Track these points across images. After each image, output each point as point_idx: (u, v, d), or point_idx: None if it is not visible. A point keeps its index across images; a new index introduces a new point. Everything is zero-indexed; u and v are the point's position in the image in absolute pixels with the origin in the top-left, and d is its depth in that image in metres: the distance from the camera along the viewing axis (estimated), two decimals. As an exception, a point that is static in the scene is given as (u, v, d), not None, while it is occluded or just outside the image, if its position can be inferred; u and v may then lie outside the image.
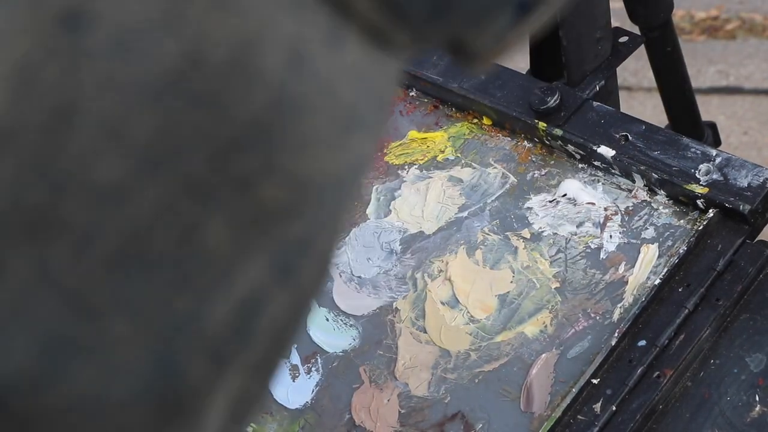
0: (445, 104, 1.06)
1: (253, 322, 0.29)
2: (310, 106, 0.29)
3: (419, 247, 0.99)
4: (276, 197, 0.29)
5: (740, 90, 2.03)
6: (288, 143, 0.29)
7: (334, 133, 0.30)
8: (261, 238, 0.29)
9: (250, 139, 0.28)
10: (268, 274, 0.29)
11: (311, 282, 0.31)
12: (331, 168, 0.30)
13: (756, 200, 0.86)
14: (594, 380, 0.85)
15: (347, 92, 0.30)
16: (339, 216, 0.31)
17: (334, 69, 0.29)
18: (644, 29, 1.22)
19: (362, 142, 0.31)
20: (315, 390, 0.95)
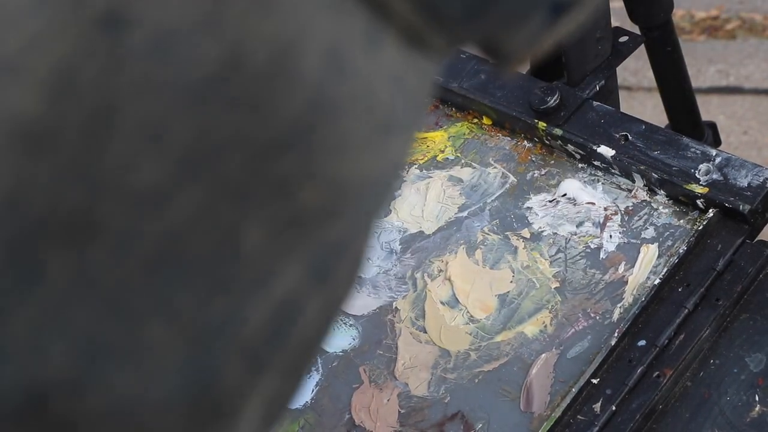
0: (445, 104, 1.06)
1: (290, 325, 0.29)
2: (349, 108, 0.29)
3: (419, 247, 0.99)
4: (314, 200, 0.28)
5: (740, 90, 2.03)
6: (327, 145, 0.28)
7: (372, 136, 0.29)
8: (299, 241, 0.29)
9: (289, 141, 0.28)
10: (305, 278, 0.29)
11: (345, 285, 0.31)
12: (368, 170, 0.30)
13: (756, 200, 0.86)
14: (594, 380, 0.85)
15: (385, 94, 0.30)
16: (374, 218, 0.31)
17: (372, 71, 0.29)
18: (644, 29, 1.22)
19: (399, 145, 0.31)
20: (315, 390, 0.95)
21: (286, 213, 0.28)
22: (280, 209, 0.28)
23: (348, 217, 0.29)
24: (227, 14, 0.27)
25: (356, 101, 0.29)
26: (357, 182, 0.29)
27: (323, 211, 0.29)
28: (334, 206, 0.29)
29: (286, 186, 0.28)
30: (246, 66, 0.27)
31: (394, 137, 0.30)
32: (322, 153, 0.28)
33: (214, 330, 0.28)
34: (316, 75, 0.28)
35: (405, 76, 0.30)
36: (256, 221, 0.28)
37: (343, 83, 0.28)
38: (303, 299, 0.29)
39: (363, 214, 0.30)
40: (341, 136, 0.29)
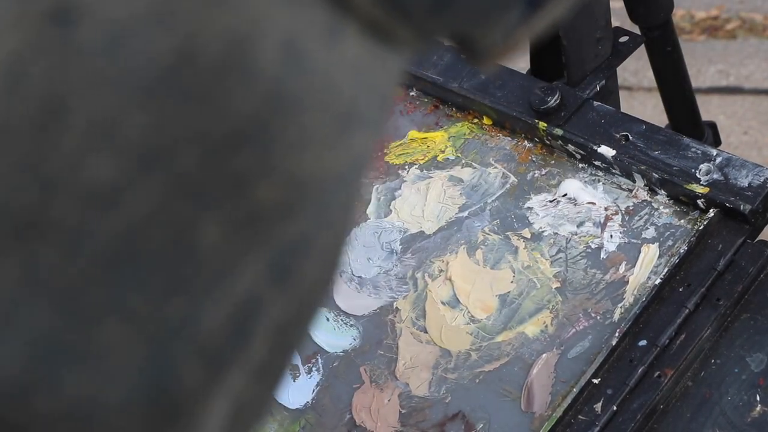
0: (446, 104, 1.06)
1: (251, 325, 0.29)
2: (308, 102, 0.28)
3: (419, 247, 0.99)
4: (272, 197, 0.28)
5: (740, 90, 2.03)
6: (285, 141, 0.28)
7: (333, 131, 0.29)
8: (257, 239, 0.28)
9: (246, 136, 0.27)
10: (265, 276, 0.28)
11: (314, 284, 0.30)
12: (330, 166, 0.29)
13: (756, 200, 0.86)
14: (595, 380, 0.85)
15: (347, 89, 0.29)
16: (341, 216, 0.30)
17: (333, 65, 0.29)
18: (644, 29, 1.22)
19: (363, 140, 0.30)
20: (315, 390, 0.95)
21: (244, 210, 0.28)
22: (237, 206, 0.27)
23: (309, 215, 0.29)
24: (180, 7, 0.26)
25: (316, 95, 0.28)
26: (317, 178, 0.29)
27: (282, 208, 0.28)
28: (293, 203, 0.28)
29: (243, 182, 0.27)
30: (199, 60, 0.27)
31: (357, 132, 0.29)
32: (280, 148, 0.28)
33: (172, 330, 0.27)
34: (274, 68, 0.27)
35: (368, 69, 0.30)
36: (213, 219, 0.27)
37: (301, 77, 0.28)
38: (264, 299, 0.28)
39: (327, 212, 0.29)
40: (300, 131, 0.28)
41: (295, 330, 0.31)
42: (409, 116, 1.08)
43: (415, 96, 1.09)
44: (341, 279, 1.00)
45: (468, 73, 1.05)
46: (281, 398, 0.96)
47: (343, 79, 0.29)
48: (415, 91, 1.09)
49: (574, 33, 1.07)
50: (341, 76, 0.29)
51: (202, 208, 0.27)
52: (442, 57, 1.07)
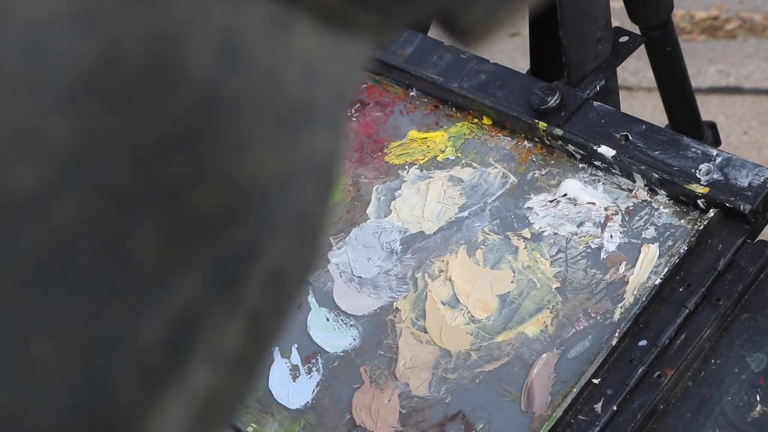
0: (445, 104, 1.06)
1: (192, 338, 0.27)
2: (249, 103, 0.27)
3: (419, 247, 0.99)
4: (211, 203, 0.26)
5: (740, 90, 2.03)
6: (223, 145, 0.26)
7: (279, 131, 0.27)
8: (197, 247, 0.27)
9: (178, 142, 0.26)
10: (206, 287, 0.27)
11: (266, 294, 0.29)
12: (276, 168, 0.27)
13: (756, 200, 0.86)
14: (595, 380, 0.85)
15: (295, 85, 0.28)
16: (296, 220, 0.29)
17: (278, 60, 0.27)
18: (644, 29, 1.23)
19: (317, 138, 0.28)
20: (315, 390, 0.95)
21: (181, 218, 0.26)
22: (173, 215, 0.26)
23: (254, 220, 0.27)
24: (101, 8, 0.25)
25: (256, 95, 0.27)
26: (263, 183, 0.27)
27: (223, 215, 0.27)
28: (234, 209, 0.27)
29: (178, 190, 0.26)
30: (123, 63, 0.25)
31: (309, 131, 0.28)
32: (217, 152, 0.26)
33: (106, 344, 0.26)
34: (207, 69, 0.26)
35: (323, 62, 0.28)
36: (147, 228, 0.26)
37: (240, 76, 0.26)
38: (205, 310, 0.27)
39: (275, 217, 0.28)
40: (240, 132, 0.27)
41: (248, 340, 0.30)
42: (409, 116, 1.08)
43: (415, 96, 1.09)
44: (341, 279, 1.00)
45: (468, 73, 1.05)
46: (281, 398, 0.96)
47: (291, 76, 0.27)
48: (415, 91, 1.09)
49: (574, 33, 1.07)
50: (288, 73, 0.27)
51: (135, 218, 0.26)
52: (442, 57, 1.07)
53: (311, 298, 1.00)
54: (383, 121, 1.09)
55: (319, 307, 0.99)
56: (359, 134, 1.09)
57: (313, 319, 0.99)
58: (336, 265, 1.01)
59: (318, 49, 0.28)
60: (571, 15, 1.07)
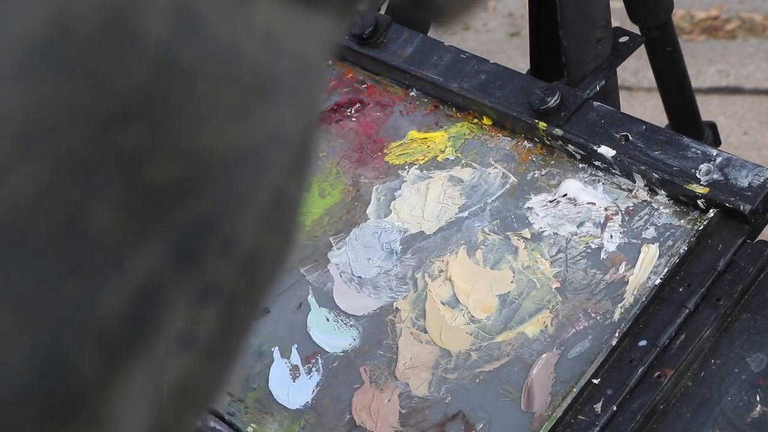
0: (445, 104, 1.06)
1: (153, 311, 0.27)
2: (207, 73, 0.26)
3: (419, 247, 0.99)
4: (169, 175, 0.26)
5: (740, 90, 2.03)
6: (180, 115, 0.26)
7: (239, 102, 0.27)
8: (155, 220, 0.26)
9: (134, 112, 0.26)
10: (166, 260, 0.27)
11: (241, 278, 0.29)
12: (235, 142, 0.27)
13: (756, 200, 0.86)
14: (595, 380, 0.85)
15: (257, 56, 0.27)
16: (261, 193, 0.28)
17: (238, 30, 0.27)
18: (644, 29, 1.23)
19: (278, 111, 0.28)
20: (315, 390, 0.95)
21: (139, 190, 0.26)
22: (130, 186, 0.26)
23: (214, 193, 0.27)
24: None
25: (216, 64, 0.26)
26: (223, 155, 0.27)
27: (182, 187, 0.26)
28: (194, 181, 0.27)
29: (135, 160, 0.26)
30: (77, 30, 0.25)
31: (270, 102, 0.28)
32: (174, 123, 0.26)
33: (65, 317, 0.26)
34: (163, 38, 0.26)
35: (286, 34, 0.28)
36: (105, 199, 0.26)
37: (197, 45, 0.26)
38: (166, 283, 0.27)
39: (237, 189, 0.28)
40: (198, 103, 0.26)
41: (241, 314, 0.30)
42: (409, 116, 1.08)
43: (415, 96, 1.09)
44: (341, 279, 1.00)
45: (468, 74, 1.05)
46: (281, 398, 0.96)
47: (252, 47, 0.27)
48: (415, 91, 1.09)
49: (574, 33, 1.07)
50: (249, 44, 0.27)
51: (92, 189, 0.26)
52: (442, 57, 1.07)
53: (311, 298, 1.00)
54: (383, 121, 1.09)
55: (319, 307, 0.99)
56: (359, 134, 1.09)
57: (313, 319, 0.99)
58: (336, 265, 1.01)
59: (281, 22, 0.28)
60: (571, 15, 1.07)
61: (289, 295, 1.01)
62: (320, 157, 1.09)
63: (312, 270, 1.01)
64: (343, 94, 1.12)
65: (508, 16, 2.34)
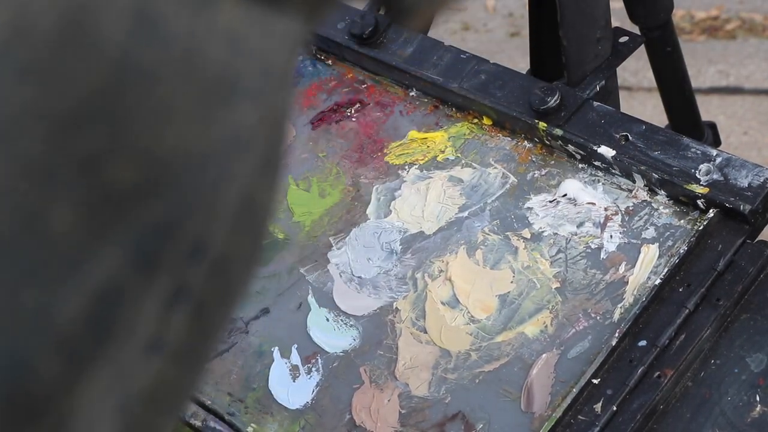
0: (445, 104, 1.06)
1: (114, 316, 0.27)
2: (166, 74, 0.26)
3: (419, 248, 0.99)
4: (128, 177, 0.26)
5: (740, 90, 2.03)
6: (139, 117, 0.26)
7: (200, 104, 0.27)
8: (114, 222, 0.26)
9: (92, 114, 0.25)
10: (125, 263, 0.27)
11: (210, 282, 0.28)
12: (195, 143, 0.27)
13: (756, 200, 0.86)
14: (594, 380, 0.85)
15: (216, 59, 0.27)
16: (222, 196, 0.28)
17: (200, 32, 0.26)
18: (644, 29, 1.23)
19: (241, 113, 0.28)
20: (315, 390, 0.95)
21: (98, 192, 0.26)
22: (90, 188, 0.26)
23: (174, 195, 0.27)
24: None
25: (176, 66, 0.26)
26: (181, 155, 0.27)
27: (142, 189, 0.26)
28: (154, 183, 0.26)
29: (94, 162, 0.26)
30: (34, 32, 0.25)
31: (232, 104, 0.27)
32: (133, 124, 0.26)
33: (25, 320, 0.26)
34: (121, 39, 0.25)
35: (250, 36, 0.27)
36: (64, 202, 0.25)
37: (156, 47, 0.26)
38: (126, 286, 0.27)
39: (198, 191, 0.27)
40: (158, 104, 0.26)
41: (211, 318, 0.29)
42: (409, 116, 1.08)
43: (415, 96, 1.09)
44: (341, 279, 1.00)
45: (468, 74, 1.05)
46: (281, 398, 0.96)
47: (213, 48, 0.27)
48: (415, 91, 1.09)
49: (574, 33, 1.07)
50: (211, 45, 0.27)
51: (51, 191, 0.25)
52: (442, 57, 1.07)
53: (311, 298, 1.00)
54: (383, 121, 1.09)
55: (319, 307, 0.99)
56: (359, 134, 1.09)
57: (313, 319, 0.99)
58: (336, 265, 1.01)
59: (245, 23, 0.27)
60: (571, 15, 1.07)
61: (289, 295, 1.01)
62: (320, 157, 1.09)
63: (312, 270, 1.01)
64: (343, 94, 1.12)
65: (508, 16, 2.34)
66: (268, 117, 0.29)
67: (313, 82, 1.14)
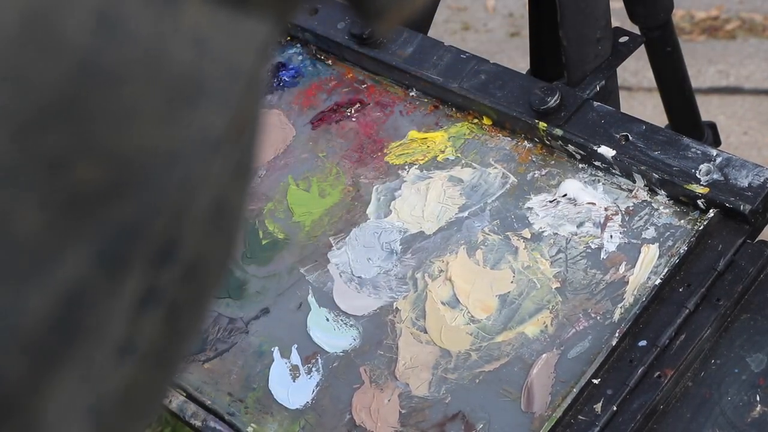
0: (445, 104, 1.06)
1: (81, 318, 0.27)
2: (130, 75, 0.26)
3: (419, 247, 0.99)
4: (94, 177, 0.26)
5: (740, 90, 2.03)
6: (103, 117, 0.26)
7: (165, 105, 0.27)
8: (80, 224, 0.26)
9: (56, 113, 0.25)
10: (91, 264, 0.27)
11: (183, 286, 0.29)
12: (161, 144, 0.27)
13: (756, 200, 0.86)
14: (595, 380, 0.85)
15: (181, 60, 0.27)
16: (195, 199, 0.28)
17: (163, 34, 0.27)
18: (644, 29, 1.23)
19: (206, 115, 0.28)
20: (315, 390, 0.95)
21: (64, 193, 0.26)
22: (54, 189, 0.26)
23: (140, 196, 0.27)
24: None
25: (138, 67, 0.26)
26: (146, 156, 0.27)
27: (107, 190, 0.26)
28: (119, 184, 0.26)
29: (59, 163, 0.26)
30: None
31: (197, 105, 0.27)
32: (97, 125, 0.26)
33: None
34: (83, 40, 0.26)
35: (214, 39, 0.27)
36: (29, 203, 0.25)
37: (118, 48, 0.26)
38: (92, 288, 0.27)
39: (163, 193, 0.27)
40: (122, 105, 0.26)
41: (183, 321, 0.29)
42: (409, 116, 1.08)
43: (415, 96, 1.09)
44: (341, 279, 1.00)
45: (468, 74, 1.05)
46: (281, 398, 0.96)
47: (178, 50, 0.27)
48: (415, 91, 1.09)
49: (574, 33, 1.07)
50: (174, 46, 0.27)
51: (16, 193, 0.25)
52: (442, 57, 1.07)
53: (311, 298, 1.00)
54: (383, 121, 1.09)
55: (319, 307, 0.99)
56: (359, 134, 1.09)
57: (313, 319, 0.99)
58: (336, 265, 1.01)
59: (210, 25, 0.27)
60: (571, 15, 1.07)
61: (289, 295, 1.01)
62: (320, 156, 1.09)
63: (312, 270, 1.01)
64: (343, 94, 1.12)
65: (508, 16, 2.34)
66: (236, 119, 0.29)
67: (313, 82, 1.14)
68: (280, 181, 1.09)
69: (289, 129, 1.12)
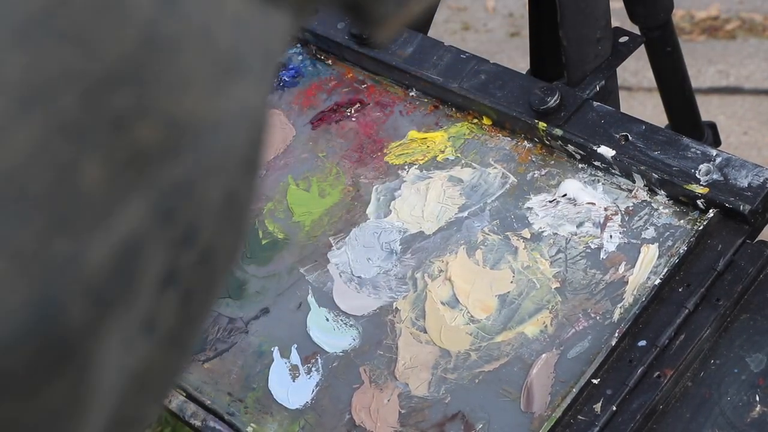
0: (445, 104, 1.06)
1: (136, 265, 0.29)
2: (185, 46, 0.29)
3: (419, 247, 0.99)
4: (152, 137, 0.28)
5: (740, 90, 2.03)
6: (162, 82, 0.29)
7: (211, 76, 0.30)
8: (139, 179, 0.29)
9: (122, 77, 0.28)
10: (147, 217, 0.29)
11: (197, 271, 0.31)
12: (209, 111, 0.30)
13: (756, 200, 0.86)
14: (594, 380, 0.85)
15: (226, 38, 0.30)
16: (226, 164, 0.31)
17: (211, 14, 0.29)
18: (644, 29, 1.23)
19: (245, 90, 0.31)
20: (315, 390, 0.95)
21: (124, 151, 0.28)
22: (117, 147, 0.28)
23: (190, 157, 0.29)
24: None
25: (192, 39, 0.29)
26: (196, 123, 0.29)
27: (163, 149, 0.29)
28: (173, 144, 0.29)
29: (123, 123, 0.28)
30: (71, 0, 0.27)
31: (238, 82, 0.30)
32: (157, 89, 0.28)
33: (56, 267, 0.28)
34: (149, 10, 0.28)
35: (250, 24, 0.30)
36: (94, 159, 0.28)
37: (177, 21, 0.29)
38: (147, 239, 0.29)
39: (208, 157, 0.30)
40: (177, 72, 0.29)
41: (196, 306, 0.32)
42: (409, 116, 1.08)
43: (415, 96, 1.09)
44: (341, 279, 1.00)
45: (468, 74, 1.05)
46: (281, 398, 0.96)
47: (222, 29, 0.30)
48: (415, 91, 1.09)
49: (574, 33, 1.07)
50: (219, 26, 0.30)
51: (83, 149, 0.28)
52: (442, 57, 1.07)
53: (311, 298, 1.00)
54: (383, 121, 1.09)
55: (318, 307, 0.99)
56: (359, 134, 1.09)
57: (313, 319, 0.99)
58: (336, 265, 1.01)
59: (247, 11, 0.30)
60: (571, 15, 1.07)
61: (289, 295, 1.01)
62: (320, 156, 1.09)
63: (312, 270, 1.01)
64: (343, 94, 1.12)
65: (508, 16, 2.34)
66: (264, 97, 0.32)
67: (313, 82, 1.14)
68: (280, 181, 1.09)
69: (289, 129, 1.12)
